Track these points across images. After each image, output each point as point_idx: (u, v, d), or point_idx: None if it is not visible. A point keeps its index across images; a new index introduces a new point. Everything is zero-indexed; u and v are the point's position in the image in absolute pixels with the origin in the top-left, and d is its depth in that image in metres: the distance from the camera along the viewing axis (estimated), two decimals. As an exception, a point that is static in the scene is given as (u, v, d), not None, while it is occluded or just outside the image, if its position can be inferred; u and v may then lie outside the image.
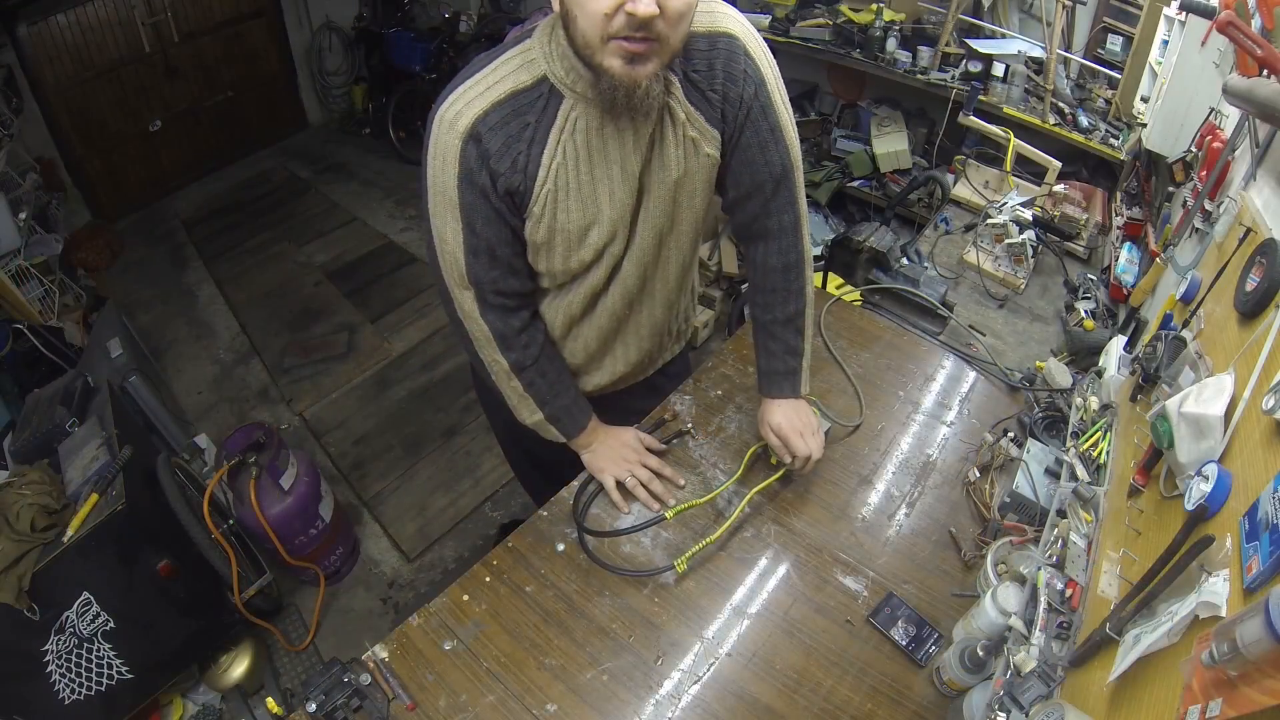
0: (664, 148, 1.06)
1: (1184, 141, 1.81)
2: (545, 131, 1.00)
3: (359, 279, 4.01)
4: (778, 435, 1.29)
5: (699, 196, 1.14)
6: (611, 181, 1.06)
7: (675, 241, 1.19)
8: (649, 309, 1.30)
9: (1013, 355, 1.87)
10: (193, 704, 2.10)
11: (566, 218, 1.07)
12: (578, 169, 1.03)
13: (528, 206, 1.05)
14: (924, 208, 3.32)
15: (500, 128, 0.98)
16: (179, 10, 4.49)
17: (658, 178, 1.09)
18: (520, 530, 1.31)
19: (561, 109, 1.00)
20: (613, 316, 1.26)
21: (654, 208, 1.11)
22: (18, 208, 3.26)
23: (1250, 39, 1.16)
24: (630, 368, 1.40)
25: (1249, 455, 0.76)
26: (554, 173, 1.02)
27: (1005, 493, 1.31)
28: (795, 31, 3.44)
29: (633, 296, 1.24)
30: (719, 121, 1.08)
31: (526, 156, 1.01)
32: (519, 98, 0.99)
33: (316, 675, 1.06)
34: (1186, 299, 1.22)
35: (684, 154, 1.07)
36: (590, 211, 1.07)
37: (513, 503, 2.75)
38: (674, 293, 1.31)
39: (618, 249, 1.14)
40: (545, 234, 1.08)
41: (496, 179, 1.01)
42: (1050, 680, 0.89)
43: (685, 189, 1.12)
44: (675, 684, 1.10)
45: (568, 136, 1.01)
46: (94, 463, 1.84)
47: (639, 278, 1.21)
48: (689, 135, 1.06)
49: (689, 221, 1.18)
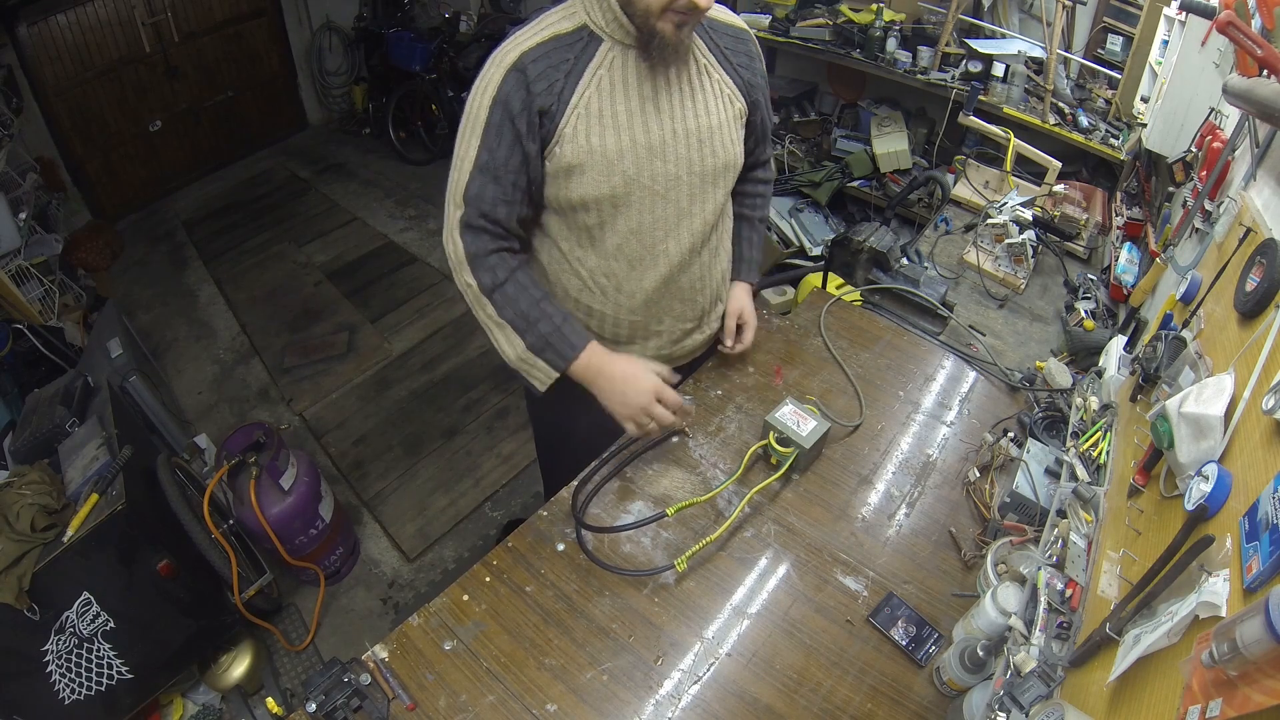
0: (705, 97, 1.28)
1: (1184, 141, 1.81)
2: (583, 66, 1.18)
3: (359, 279, 4.01)
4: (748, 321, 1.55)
5: (734, 143, 1.34)
6: (645, 115, 1.22)
7: (711, 183, 1.33)
8: (689, 256, 1.36)
9: (1013, 355, 1.87)
10: (193, 704, 2.10)
11: (600, 140, 1.20)
12: (612, 98, 1.20)
13: (557, 127, 1.19)
14: (924, 208, 3.32)
15: (542, 59, 1.17)
16: (179, 10, 4.49)
17: (699, 120, 1.27)
18: (520, 530, 1.31)
19: (600, 50, 1.19)
20: (649, 255, 1.32)
21: (693, 148, 1.27)
22: (18, 208, 3.26)
23: (1250, 39, 1.16)
24: (672, 324, 1.45)
25: (1249, 455, 0.76)
26: (586, 99, 1.19)
27: (1005, 493, 1.31)
28: (795, 31, 3.44)
29: (670, 233, 1.32)
30: (743, 88, 1.35)
31: (562, 84, 1.17)
32: (560, 40, 1.18)
33: (316, 675, 1.06)
34: (1186, 299, 1.22)
35: (722, 105, 1.30)
36: (624, 137, 1.21)
37: (513, 503, 2.75)
38: (711, 238, 1.40)
39: (649, 179, 1.25)
40: (580, 155, 1.20)
41: (534, 99, 1.16)
42: (1050, 680, 0.89)
43: (724, 134, 1.31)
44: (675, 684, 1.10)
45: (604, 71, 1.19)
46: (94, 463, 1.84)
47: (676, 214, 1.31)
48: (725, 91, 1.31)
49: (728, 168, 1.35)
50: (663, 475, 1.40)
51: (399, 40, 4.74)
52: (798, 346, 1.71)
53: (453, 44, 4.69)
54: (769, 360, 1.66)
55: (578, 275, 1.35)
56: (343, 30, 5.31)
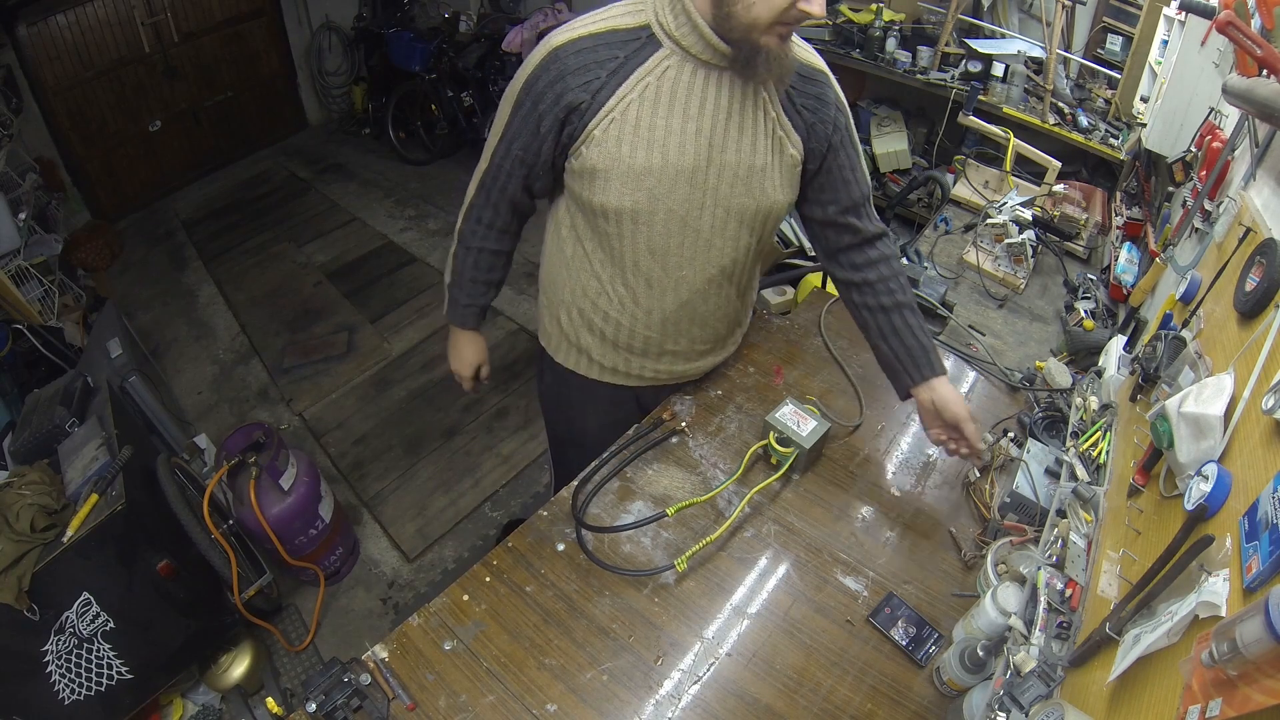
0: (754, 134, 1.16)
1: (1184, 141, 1.81)
2: (631, 68, 1.10)
3: (359, 279, 4.01)
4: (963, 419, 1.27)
5: (779, 191, 1.22)
6: (684, 135, 1.13)
7: (742, 224, 1.24)
8: (709, 287, 1.32)
9: (1013, 355, 1.87)
10: (193, 704, 2.10)
11: (631, 151, 1.13)
12: (653, 109, 1.11)
13: (586, 128, 1.12)
14: (924, 208, 3.32)
15: (588, 52, 1.10)
16: (179, 10, 4.49)
17: (740, 157, 1.16)
18: (520, 530, 1.31)
19: (656, 55, 1.09)
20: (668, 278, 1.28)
21: (726, 182, 1.18)
22: (18, 208, 3.26)
23: (1250, 39, 1.16)
24: (688, 346, 1.43)
25: (1249, 455, 0.76)
26: (625, 104, 1.11)
27: (1005, 493, 1.31)
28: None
29: (690, 262, 1.26)
30: (804, 133, 1.20)
31: (602, 83, 1.10)
32: (616, 35, 1.10)
33: (316, 675, 1.06)
34: (1186, 299, 1.22)
35: (771, 146, 1.18)
36: (656, 155, 1.13)
37: (513, 503, 2.75)
38: (738, 275, 1.35)
39: (675, 204, 1.18)
40: (606, 161, 1.14)
41: (564, 92, 1.10)
42: (1050, 680, 0.89)
43: (766, 178, 1.20)
44: (675, 684, 1.10)
45: (652, 79, 1.10)
46: (94, 463, 1.84)
47: (702, 245, 1.24)
48: (777, 134, 1.18)
49: (761, 212, 1.24)
50: (663, 475, 1.41)
51: (399, 40, 4.74)
52: (798, 346, 1.71)
53: (452, 44, 4.69)
54: (769, 360, 1.66)
55: (597, 278, 1.32)
56: (342, 30, 5.30)
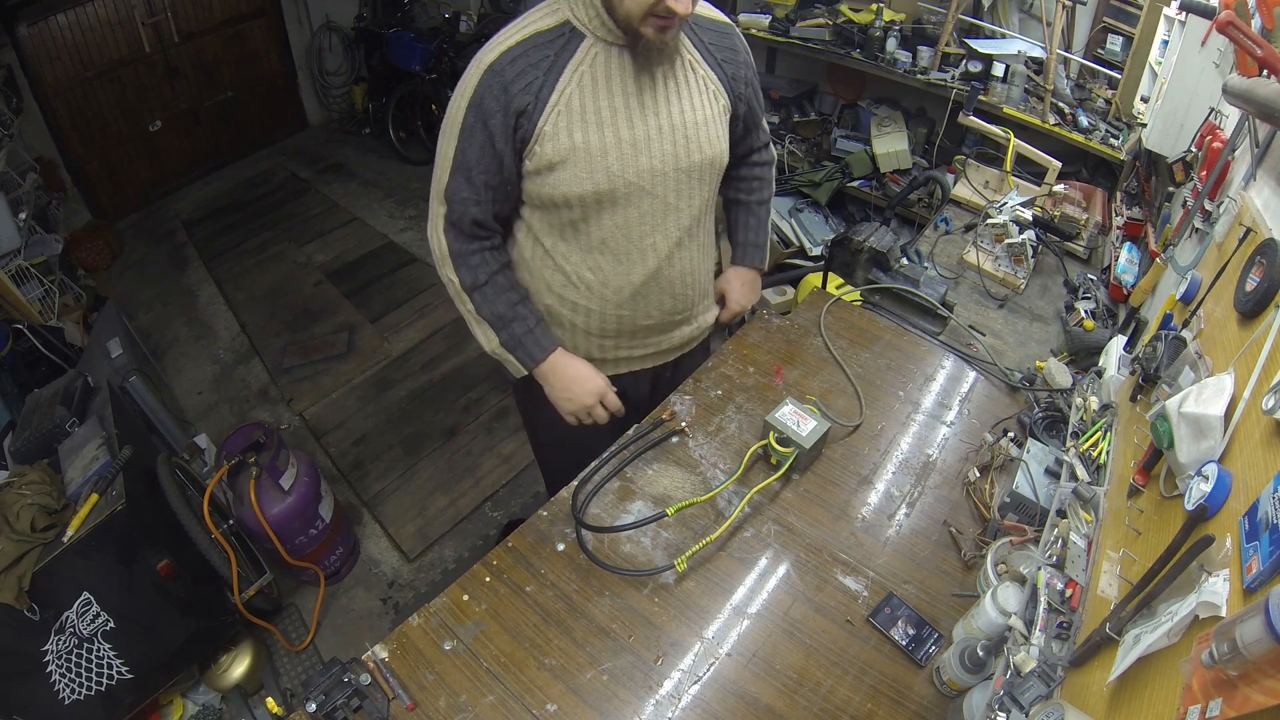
0: (690, 93, 1.28)
1: (1184, 141, 1.81)
2: (564, 63, 1.18)
3: (359, 279, 4.01)
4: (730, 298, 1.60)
5: (721, 140, 1.35)
6: (630, 111, 1.22)
7: (696, 179, 1.33)
8: (676, 249, 1.37)
9: (1013, 355, 1.87)
10: (193, 704, 2.10)
11: (583, 136, 1.20)
12: (595, 94, 1.19)
13: (536, 126, 1.19)
14: (924, 208, 3.32)
15: (521, 58, 1.17)
16: (179, 10, 4.49)
17: (684, 116, 1.27)
18: (520, 530, 1.31)
19: (582, 46, 1.18)
20: (636, 249, 1.33)
21: (680, 144, 1.27)
22: (18, 208, 3.26)
23: (1250, 39, 1.16)
24: (661, 318, 1.45)
25: (1249, 455, 0.76)
26: (567, 96, 1.18)
27: (1005, 493, 1.31)
28: (795, 31, 3.44)
29: (656, 228, 1.32)
30: (728, 83, 1.34)
31: (541, 82, 1.17)
32: (541, 36, 1.18)
33: (316, 675, 1.06)
34: (1186, 299, 1.22)
35: (706, 101, 1.30)
36: (608, 133, 1.21)
37: (513, 503, 2.75)
38: (697, 232, 1.41)
39: (635, 175, 1.25)
40: (561, 152, 1.20)
41: (511, 100, 1.16)
42: (1050, 680, 0.89)
43: (710, 130, 1.32)
44: (675, 684, 1.10)
45: (585, 68, 1.18)
46: (94, 463, 1.84)
47: (662, 209, 1.31)
48: (710, 87, 1.31)
49: (713, 164, 1.35)
50: (663, 475, 1.40)
51: (399, 40, 4.74)
52: (798, 346, 1.71)
53: (453, 44, 4.69)
54: (769, 360, 1.66)
55: (561, 271, 1.36)
56: (343, 30, 5.31)
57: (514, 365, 1.40)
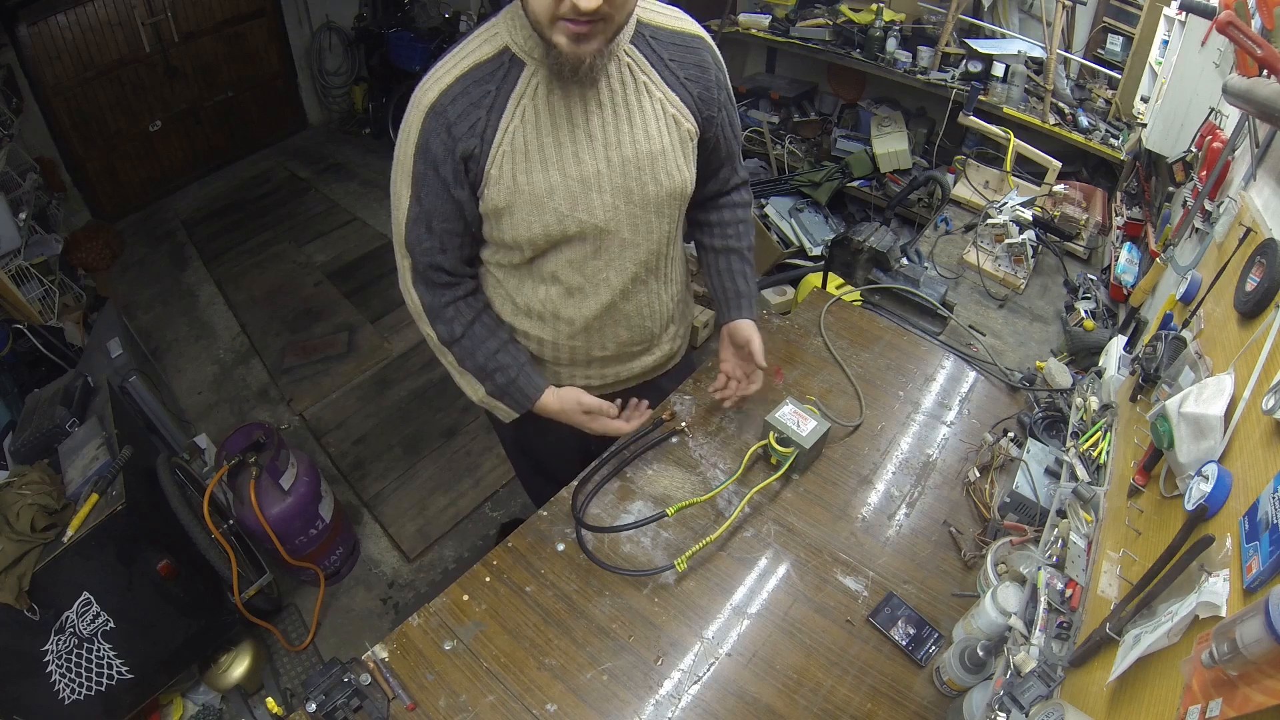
0: (644, 120, 1.14)
1: (1184, 141, 1.81)
2: (505, 97, 1.07)
3: (359, 279, 4.01)
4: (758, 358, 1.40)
5: (683, 170, 1.21)
6: (576, 145, 1.11)
7: (655, 212, 1.22)
8: (632, 285, 1.29)
9: (1013, 355, 1.87)
10: (193, 704, 2.10)
11: (528, 179, 1.11)
12: (538, 131, 1.09)
13: (484, 170, 1.10)
14: (924, 208, 3.32)
15: (462, 97, 1.06)
16: (179, 10, 4.49)
17: (637, 148, 1.15)
18: (520, 530, 1.31)
19: (523, 75, 1.07)
20: (589, 284, 1.25)
21: (632, 177, 1.16)
22: (18, 208, 3.26)
23: (1250, 39, 1.16)
24: (618, 350, 1.39)
25: (1249, 455, 0.76)
26: (511, 135, 1.08)
27: (1005, 493, 1.31)
28: (795, 31, 3.44)
29: (611, 263, 1.24)
30: (693, 105, 1.20)
31: (485, 121, 1.07)
32: (481, 69, 1.07)
33: (316, 675, 1.06)
34: (1186, 299, 1.22)
35: (664, 127, 1.16)
36: (554, 174, 1.11)
37: (513, 503, 2.75)
38: (660, 266, 1.32)
39: (586, 213, 1.16)
40: (506, 196, 1.12)
41: (456, 144, 1.07)
42: (1050, 680, 0.89)
43: (669, 160, 1.19)
44: (675, 684, 1.10)
45: (528, 101, 1.08)
46: (94, 463, 1.84)
47: (618, 245, 1.22)
48: (669, 112, 1.17)
49: (673, 196, 1.22)
50: (663, 475, 1.40)
51: (399, 40, 4.74)
52: (798, 346, 1.71)
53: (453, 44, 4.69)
54: (769, 360, 1.66)
55: (512, 301, 1.31)
56: (343, 30, 5.30)
57: (504, 412, 1.35)
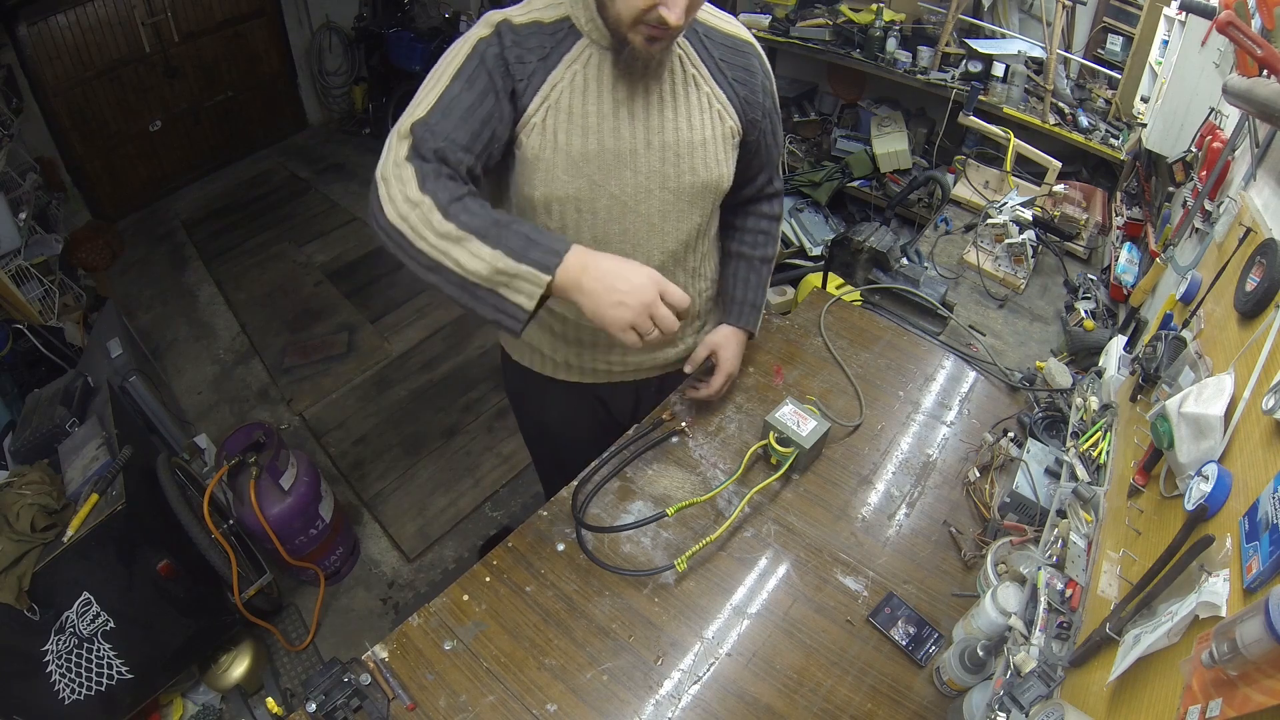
0: (689, 109, 1.18)
1: (1184, 141, 1.81)
2: (559, 56, 1.11)
3: (359, 279, 4.01)
4: (721, 365, 1.43)
5: (722, 164, 1.24)
6: (617, 120, 1.14)
7: (688, 201, 1.24)
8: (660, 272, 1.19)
9: (1013, 355, 1.87)
10: (193, 704, 2.10)
11: (568, 139, 1.13)
12: (584, 96, 1.12)
13: (526, 111, 1.12)
14: (924, 208, 3.32)
15: (522, 38, 1.10)
16: (179, 10, 4.49)
17: (679, 135, 1.18)
18: (520, 530, 1.31)
19: (577, 45, 1.12)
20: None
21: (669, 163, 1.19)
22: (18, 208, 3.26)
23: (1250, 39, 1.16)
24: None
25: (1249, 455, 0.76)
26: (557, 91, 1.11)
27: (1005, 493, 1.31)
28: (795, 31, 3.44)
29: (638, 248, 1.23)
30: (739, 105, 1.24)
31: (534, 67, 1.10)
32: (542, 26, 1.11)
33: (316, 675, 1.06)
34: (1186, 299, 1.22)
35: (709, 120, 1.20)
36: (591, 140, 1.14)
37: (513, 502, 2.75)
38: (688, 259, 1.33)
39: (617, 189, 1.17)
40: (544, 147, 1.13)
41: (508, 66, 1.09)
42: (1050, 680, 0.89)
43: (708, 152, 1.22)
44: (675, 684, 1.10)
45: (579, 66, 1.12)
46: (94, 463, 1.84)
47: (646, 229, 1.23)
48: (714, 106, 1.21)
49: (708, 188, 1.25)
50: (663, 475, 1.40)
51: (399, 40, 4.74)
52: (798, 346, 1.71)
53: (452, 43, 4.69)
54: (769, 360, 1.66)
55: None
56: (343, 30, 5.31)
57: (529, 279, 0.96)
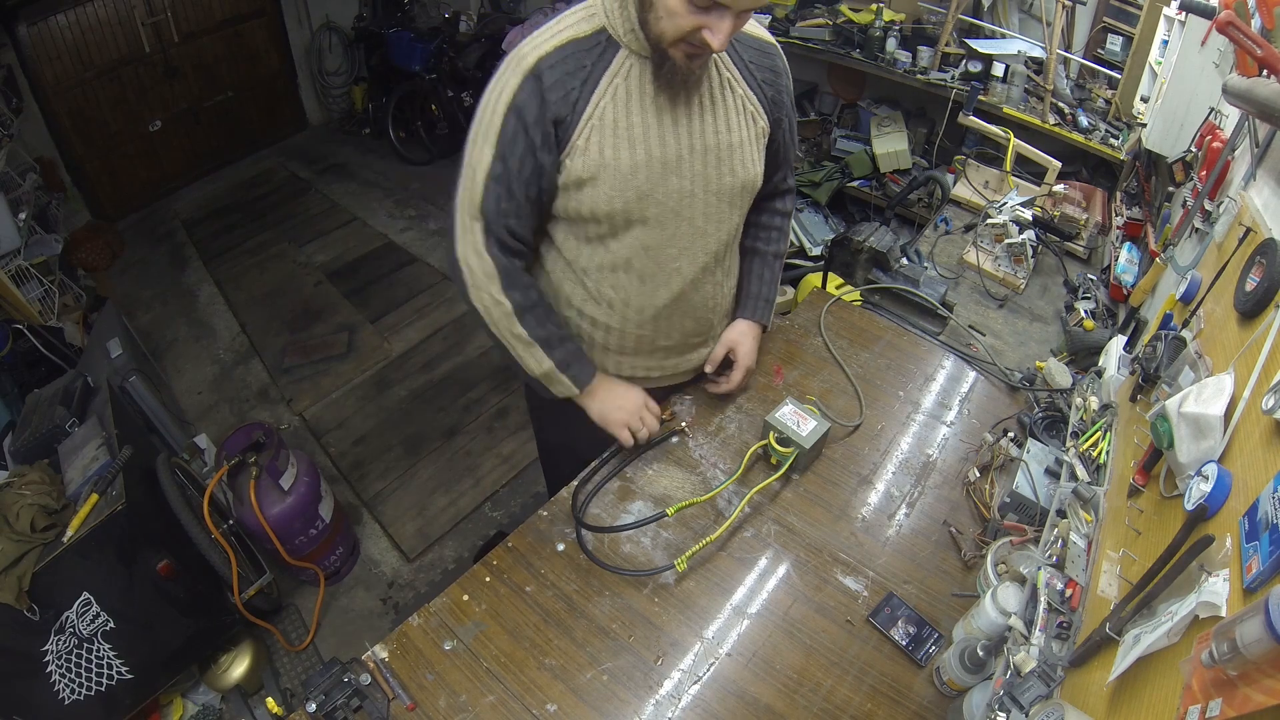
0: (726, 112, 1.23)
1: (1184, 141, 1.81)
2: (600, 73, 1.14)
3: (359, 279, 4.01)
4: (740, 360, 1.48)
5: (756, 164, 1.29)
6: (662, 128, 1.17)
7: (728, 202, 1.29)
8: (702, 275, 1.33)
9: (1013, 355, 1.87)
10: (193, 704, 2.10)
11: (614, 153, 1.16)
12: (628, 109, 1.15)
13: (570, 139, 1.15)
14: (924, 208, 3.32)
15: (559, 65, 1.12)
16: (179, 10, 4.49)
17: (719, 138, 1.22)
18: (520, 530, 1.31)
19: (617, 57, 1.14)
20: (661, 272, 1.29)
21: (711, 165, 1.23)
22: (18, 208, 3.26)
23: (1250, 39, 1.16)
24: (681, 339, 1.42)
25: (1249, 455, 0.76)
26: (601, 110, 1.14)
27: (1005, 493, 1.31)
28: (795, 31, 3.44)
29: (684, 251, 1.28)
30: (767, 105, 1.29)
31: (578, 92, 1.13)
32: (579, 44, 1.13)
33: (316, 675, 1.06)
34: (1186, 299, 1.22)
35: (744, 122, 1.25)
36: (639, 151, 1.17)
37: (512, 502, 2.75)
38: (725, 257, 1.38)
39: (665, 196, 1.21)
40: (592, 168, 1.16)
41: (549, 108, 1.12)
42: (1050, 680, 0.89)
43: (745, 153, 1.27)
44: (675, 684, 1.10)
45: (620, 80, 1.14)
46: (94, 463, 1.84)
47: (691, 232, 1.27)
48: (748, 108, 1.25)
49: (746, 188, 1.30)
50: (663, 475, 1.41)
51: (399, 40, 4.74)
52: (798, 346, 1.71)
53: (453, 44, 4.69)
54: (769, 360, 1.66)
55: (583, 285, 1.32)
56: (343, 30, 5.31)
57: (565, 386, 1.33)
